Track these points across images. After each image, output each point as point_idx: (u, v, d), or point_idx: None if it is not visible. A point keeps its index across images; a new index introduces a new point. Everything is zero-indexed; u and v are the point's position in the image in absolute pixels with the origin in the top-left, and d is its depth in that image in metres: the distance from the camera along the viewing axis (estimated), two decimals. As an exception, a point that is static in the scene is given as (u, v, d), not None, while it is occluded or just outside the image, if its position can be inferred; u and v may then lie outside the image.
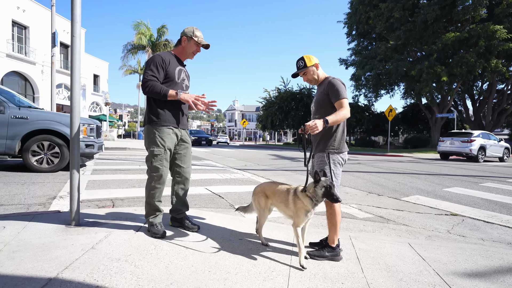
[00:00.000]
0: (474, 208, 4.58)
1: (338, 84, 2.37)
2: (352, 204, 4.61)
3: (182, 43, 2.63)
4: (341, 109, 2.30)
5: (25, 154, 5.89)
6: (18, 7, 21.02)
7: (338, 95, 2.33)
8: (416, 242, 2.88)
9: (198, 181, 5.99)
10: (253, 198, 2.59)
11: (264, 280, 1.89)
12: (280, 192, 2.40)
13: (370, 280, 2.00)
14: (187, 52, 2.65)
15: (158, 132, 2.49)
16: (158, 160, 2.49)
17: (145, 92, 2.44)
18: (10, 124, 5.70)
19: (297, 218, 2.24)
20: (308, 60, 2.46)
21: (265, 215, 2.51)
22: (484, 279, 2.11)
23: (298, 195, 2.27)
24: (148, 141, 2.53)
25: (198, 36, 2.61)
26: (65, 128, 5.99)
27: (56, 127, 5.97)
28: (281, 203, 2.37)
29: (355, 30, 27.64)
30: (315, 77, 2.51)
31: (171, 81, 2.53)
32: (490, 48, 18.93)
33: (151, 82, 2.41)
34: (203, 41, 2.65)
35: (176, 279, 1.82)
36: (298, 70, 2.52)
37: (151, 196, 2.54)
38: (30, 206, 3.64)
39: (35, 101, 23.25)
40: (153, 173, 2.51)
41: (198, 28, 2.64)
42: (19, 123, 5.77)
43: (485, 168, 10.82)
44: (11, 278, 1.68)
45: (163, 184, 2.58)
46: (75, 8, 2.57)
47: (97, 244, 2.24)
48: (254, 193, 2.59)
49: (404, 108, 33.24)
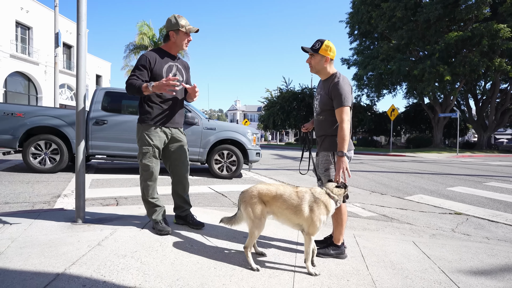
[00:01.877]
0: (478, 207, 4.56)
1: (342, 89, 2.18)
2: (355, 203, 4.60)
3: (171, 38, 2.54)
4: (340, 124, 2.17)
5: (209, 162, 6.46)
6: (22, 8, 21.14)
7: (340, 102, 2.18)
8: (420, 240, 2.88)
9: (201, 180, 6.01)
10: (242, 205, 2.05)
11: (270, 276, 1.90)
12: (286, 196, 2.02)
13: (376, 277, 2.00)
14: (179, 45, 2.57)
15: (145, 130, 2.53)
16: (146, 157, 2.53)
17: (127, 92, 2.46)
18: (203, 135, 6.31)
19: (313, 226, 1.97)
20: (326, 48, 2.24)
21: (261, 226, 2.03)
22: (490, 277, 2.11)
23: (321, 198, 2.01)
24: (137, 139, 2.59)
25: (185, 25, 2.50)
26: (242, 137, 6.61)
27: (235, 136, 6.56)
28: (288, 210, 2.01)
29: (357, 29, 27.59)
30: (318, 68, 2.32)
31: (157, 78, 2.48)
32: (493, 47, 18.86)
33: (131, 79, 2.42)
34: (192, 28, 2.55)
35: (182, 275, 1.83)
36: (308, 47, 2.30)
37: (145, 193, 2.59)
38: (35, 204, 3.66)
39: (38, 101, 23.39)
40: (143, 171, 2.56)
41: (181, 15, 2.51)
42: (209, 134, 6.37)
43: (489, 168, 10.77)
44: (19, 273, 1.70)
45: (154, 181, 2.61)
46: (81, 7, 2.59)
47: (103, 241, 2.25)
48: (244, 199, 2.06)
49: (407, 107, 33.14)
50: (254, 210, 2.01)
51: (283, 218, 2.05)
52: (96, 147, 5.95)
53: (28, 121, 5.78)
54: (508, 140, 36.62)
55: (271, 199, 2.03)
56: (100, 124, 5.94)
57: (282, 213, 2.03)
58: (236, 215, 2.12)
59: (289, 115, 31.55)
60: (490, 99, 25.70)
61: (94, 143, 5.94)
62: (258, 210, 2.01)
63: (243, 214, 2.05)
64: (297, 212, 1.99)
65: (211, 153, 6.43)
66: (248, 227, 2.04)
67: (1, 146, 5.83)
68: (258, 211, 2.01)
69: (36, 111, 6.02)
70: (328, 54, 2.25)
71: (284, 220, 2.07)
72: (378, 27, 23.53)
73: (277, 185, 2.12)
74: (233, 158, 6.53)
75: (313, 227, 1.97)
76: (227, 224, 2.15)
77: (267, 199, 2.04)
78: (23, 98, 22.67)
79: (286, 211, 2.01)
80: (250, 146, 6.61)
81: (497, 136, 43.18)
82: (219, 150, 6.45)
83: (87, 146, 5.90)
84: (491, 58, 19.54)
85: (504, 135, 45.48)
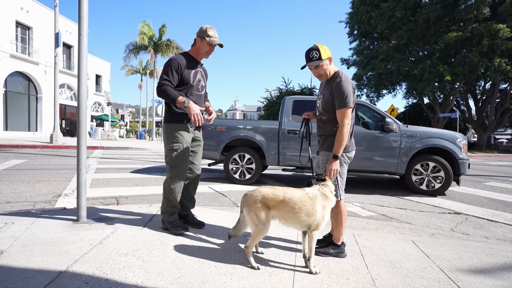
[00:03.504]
0: (477, 206, 4.58)
1: (345, 88, 2.18)
2: (355, 202, 4.62)
3: (196, 43, 2.67)
4: (340, 127, 2.19)
5: (407, 174, 5.48)
6: (22, 8, 21.14)
7: (341, 104, 2.19)
8: (419, 239, 2.89)
9: (200, 180, 6.02)
10: (246, 209, 2.00)
11: (270, 275, 1.91)
12: (296, 200, 1.99)
13: (375, 275, 2.01)
14: (201, 52, 2.68)
15: (177, 128, 2.59)
16: (178, 155, 2.56)
17: (158, 93, 2.53)
18: (402, 143, 5.41)
19: (323, 222, 2.05)
20: (323, 51, 2.21)
21: (266, 231, 1.98)
22: (489, 275, 2.13)
23: (330, 197, 2.10)
24: (167, 138, 2.61)
25: (211, 36, 2.61)
26: (452, 144, 5.39)
27: (443, 144, 5.37)
28: (300, 213, 1.98)
29: (356, 29, 27.58)
30: (327, 73, 2.29)
31: (186, 84, 2.60)
32: (493, 47, 18.87)
33: (164, 86, 2.49)
34: (215, 41, 2.64)
35: (183, 273, 1.84)
36: (311, 62, 2.24)
37: (171, 191, 2.57)
38: (36, 203, 3.68)
39: (38, 101, 23.41)
40: (173, 168, 2.57)
41: (212, 27, 2.63)
42: (409, 142, 5.40)
43: (488, 168, 10.79)
44: (23, 271, 1.72)
45: (183, 178, 2.64)
46: (83, 8, 2.60)
47: (105, 240, 2.27)
48: (247, 202, 2.00)
49: (406, 107, 33.14)
50: (259, 215, 1.96)
51: (293, 221, 2.01)
52: (289, 159, 5.78)
53: (228, 134, 5.97)
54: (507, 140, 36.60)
55: (278, 203, 1.98)
56: (291, 135, 5.73)
57: (293, 216, 1.98)
58: (239, 220, 2.08)
59: (289, 115, 31.51)
60: (490, 99, 25.72)
61: (287, 155, 5.77)
62: (262, 216, 1.96)
63: (246, 218, 2.00)
64: (310, 214, 1.99)
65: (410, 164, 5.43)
66: (251, 230, 2.01)
67: (208, 158, 6.09)
68: (262, 217, 1.96)
69: (234, 123, 6.20)
70: (328, 54, 2.26)
71: (294, 224, 2.03)
72: (378, 27, 23.54)
73: (284, 189, 2.06)
74: (440, 174, 5.34)
75: (323, 223, 2.06)
76: (235, 234, 2.09)
77: (273, 204, 1.98)
78: (23, 98, 22.67)
79: (298, 214, 1.97)
80: (461, 155, 5.35)
81: (496, 136, 43.18)
82: (420, 161, 5.40)
83: (279, 158, 5.82)
84: (490, 58, 19.56)
85: (504, 135, 45.49)
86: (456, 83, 22.40)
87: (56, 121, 13.07)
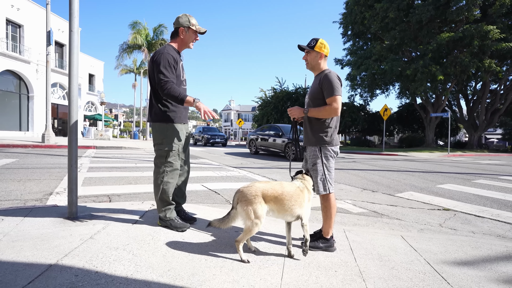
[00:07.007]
0: (466, 203, 4.67)
1: (333, 79, 2.32)
2: (347, 200, 4.67)
3: (180, 34, 2.57)
4: (328, 106, 2.32)
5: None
6: (13, 5, 20.85)
7: (331, 92, 2.31)
8: (408, 235, 2.95)
9: (194, 178, 6.02)
10: (241, 204, 1.98)
11: (260, 268, 1.94)
12: (292, 193, 2.08)
13: (363, 268, 2.06)
14: (187, 43, 2.61)
15: (175, 129, 2.53)
16: (173, 155, 2.52)
17: (163, 94, 2.40)
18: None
19: (308, 212, 2.20)
20: (321, 45, 2.41)
21: (260, 226, 2.00)
22: (473, 267, 2.19)
23: (310, 189, 2.24)
24: (162, 138, 2.52)
25: (195, 24, 2.56)
26: None
27: None
28: (295, 205, 2.07)
29: (350, 30, 27.78)
30: (313, 64, 2.46)
31: (177, 79, 2.52)
32: (483, 48, 19.16)
33: (170, 84, 2.38)
34: (201, 29, 2.60)
35: (173, 266, 1.86)
36: (305, 46, 2.46)
37: (164, 191, 2.52)
38: (27, 201, 3.65)
39: (30, 100, 23.10)
40: (167, 169, 2.52)
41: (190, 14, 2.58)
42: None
43: (478, 166, 10.97)
44: (12, 264, 1.72)
45: (176, 177, 2.61)
46: (73, 3, 2.60)
47: (96, 235, 2.27)
48: (243, 198, 1.99)
49: (399, 107, 33.49)
50: (256, 210, 1.95)
51: (287, 213, 2.08)
52: None
53: None
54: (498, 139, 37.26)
55: (276, 197, 2.02)
56: None
57: (288, 208, 2.05)
58: (230, 214, 2.04)
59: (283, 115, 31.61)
60: (481, 99, 26.13)
61: None
62: (260, 210, 1.97)
63: (241, 213, 1.98)
64: (301, 204, 2.11)
65: None
66: (245, 225, 1.99)
67: None
68: (260, 211, 1.96)
69: None
70: (323, 50, 2.42)
71: (287, 215, 2.10)
72: (371, 28, 23.75)
73: (279, 183, 2.13)
74: None
75: (308, 213, 2.18)
76: (219, 226, 2.06)
77: (271, 198, 2.02)
78: (14, 97, 22.36)
79: (293, 206, 2.06)
80: None
81: (487, 136, 43.88)
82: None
83: None
84: (481, 59, 19.86)
85: (494, 135, 46.28)
86: (448, 84, 22.71)
87: (48, 120, 12.91)
